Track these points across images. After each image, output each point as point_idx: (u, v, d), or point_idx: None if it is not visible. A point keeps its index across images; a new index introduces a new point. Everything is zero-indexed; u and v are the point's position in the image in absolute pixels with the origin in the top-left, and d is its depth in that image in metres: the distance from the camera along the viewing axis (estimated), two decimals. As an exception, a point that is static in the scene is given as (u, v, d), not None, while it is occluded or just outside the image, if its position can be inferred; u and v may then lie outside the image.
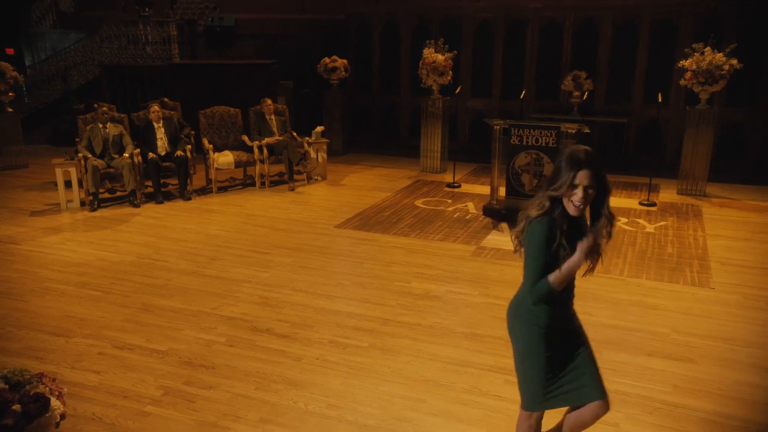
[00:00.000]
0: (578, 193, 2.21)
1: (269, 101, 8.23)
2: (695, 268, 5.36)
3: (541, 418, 2.56)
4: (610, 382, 3.47)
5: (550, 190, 2.24)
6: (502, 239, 6.13)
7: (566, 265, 2.23)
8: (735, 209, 7.26)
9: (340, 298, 4.73)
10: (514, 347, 2.50)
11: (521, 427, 2.58)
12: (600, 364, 3.73)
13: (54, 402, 2.67)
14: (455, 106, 9.93)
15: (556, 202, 2.26)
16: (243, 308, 4.49)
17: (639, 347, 3.96)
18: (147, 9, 11.37)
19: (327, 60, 10.03)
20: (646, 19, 9.25)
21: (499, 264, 5.46)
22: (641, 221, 6.75)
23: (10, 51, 12.25)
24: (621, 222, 6.69)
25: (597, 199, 2.26)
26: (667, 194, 7.90)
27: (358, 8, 11.31)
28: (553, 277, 2.25)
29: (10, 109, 8.88)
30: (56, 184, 7.54)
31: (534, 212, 2.27)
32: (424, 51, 8.82)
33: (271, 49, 11.81)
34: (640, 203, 7.45)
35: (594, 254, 2.27)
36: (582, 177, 2.19)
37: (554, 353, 2.39)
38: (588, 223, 2.34)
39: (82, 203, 7.22)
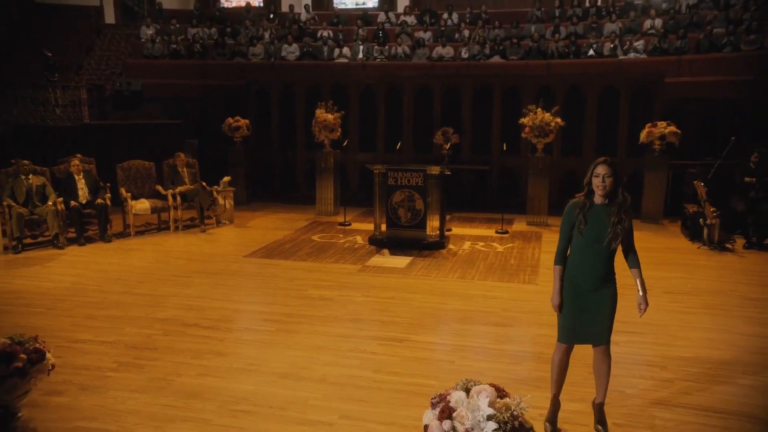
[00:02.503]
0: (597, 181, 3.27)
1: (182, 155, 9.37)
2: (528, 272, 7.00)
3: (568, 350, 3.49)
4: (459, 342, 4.89)
5: (584, 184, 3.34)
6: (384, 260, 7.55)
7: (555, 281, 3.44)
8: (567, 233, 9.12)
9: (252, 303, 5.92)
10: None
11: (554, 354, 3.53)
12: (449, 331, 5.16)
13: (47, 355, 3.68)
14: (345, 159, 11.44)
15: (590, 193, 3.32)
16: (173, 312, 5.54)
17: (477, 320, 5.43)
18: (55, 74, 12.19)
19: (231, 120, 11.28)
20: (497, 85, 11.34)
21: (380, 277, 6.83)
22: (495, 244, 8.42)
23: None
24: (479, 245, 8.33)
25: (614, 189, 3.28)
26: (519, 225, 9.70)
27: (257, 75, 12.77)
28: (557, 268, 3.44)
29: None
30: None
31: (574, 199, 3.41)
32: (317, 111, 10.32)
33: (177, 111, 12.89)
34: (496, 232, 9.16)
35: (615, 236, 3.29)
36: (599, 169, 3.28)
37: (574, 300, 3.40)
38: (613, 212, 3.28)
39: (5, 248, 7.89)
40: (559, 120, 9.47)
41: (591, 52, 13.79)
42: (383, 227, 8.37)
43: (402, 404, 3.86)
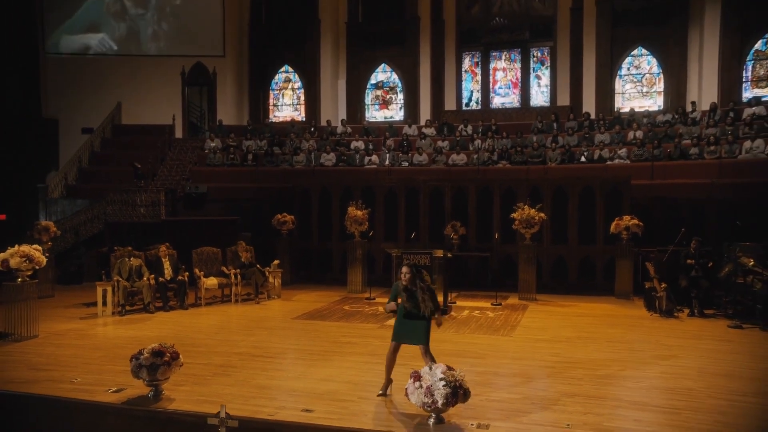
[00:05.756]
0: (402, 276, 5.90)
1: (243, 243, 11.94)
2: (507, 330, 9.12)
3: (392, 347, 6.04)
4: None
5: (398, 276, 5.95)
6: (398, 322, 9.74)
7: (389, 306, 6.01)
8: (549, 306, 11.21)
9: (299, 344, 8.20)
10: None
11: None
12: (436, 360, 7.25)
13: (180, 356, 6.00)
14: (371, 247, 13.86)
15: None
16: (244, 349, 7.84)
17: (459, 355, 7.56)
18: (142, 181, 15.22)
19: (279, 216, 13.91)
20: (496, 187, 13.82)
21: (394, 332, 9.02)
22: (488, 312, 10.56)
23: (2, 217, 15.61)
24: (475, 313, 10.48)
25: (413, 279, 5.92)
26: (512, 300, 11.83)
27: (300, 179, 15.57)
28: (389, 305, 5.99)
29: (47, 254, 12.02)
30: (85, 305, 10.82)
31: (399, 281, 5.97)
32: (349, 208, 12.87)
33: (235, 209, 15.66)
34: (492, 304, 11.31)
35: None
36: (403, 269, 5.92)
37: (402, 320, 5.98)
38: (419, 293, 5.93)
39: (113, 312, 10.37)
40: (542, 215, 11.81)
41: (582, 158, 16.33)
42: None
43: (398, 391, 6.01)
